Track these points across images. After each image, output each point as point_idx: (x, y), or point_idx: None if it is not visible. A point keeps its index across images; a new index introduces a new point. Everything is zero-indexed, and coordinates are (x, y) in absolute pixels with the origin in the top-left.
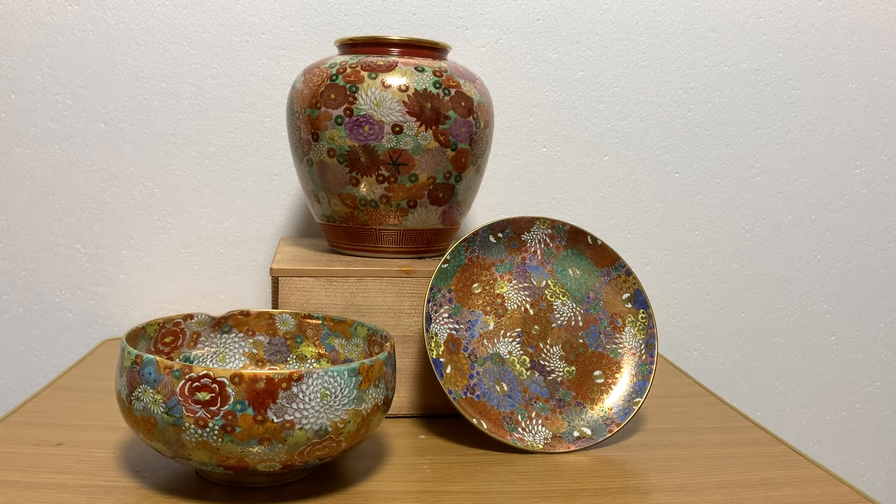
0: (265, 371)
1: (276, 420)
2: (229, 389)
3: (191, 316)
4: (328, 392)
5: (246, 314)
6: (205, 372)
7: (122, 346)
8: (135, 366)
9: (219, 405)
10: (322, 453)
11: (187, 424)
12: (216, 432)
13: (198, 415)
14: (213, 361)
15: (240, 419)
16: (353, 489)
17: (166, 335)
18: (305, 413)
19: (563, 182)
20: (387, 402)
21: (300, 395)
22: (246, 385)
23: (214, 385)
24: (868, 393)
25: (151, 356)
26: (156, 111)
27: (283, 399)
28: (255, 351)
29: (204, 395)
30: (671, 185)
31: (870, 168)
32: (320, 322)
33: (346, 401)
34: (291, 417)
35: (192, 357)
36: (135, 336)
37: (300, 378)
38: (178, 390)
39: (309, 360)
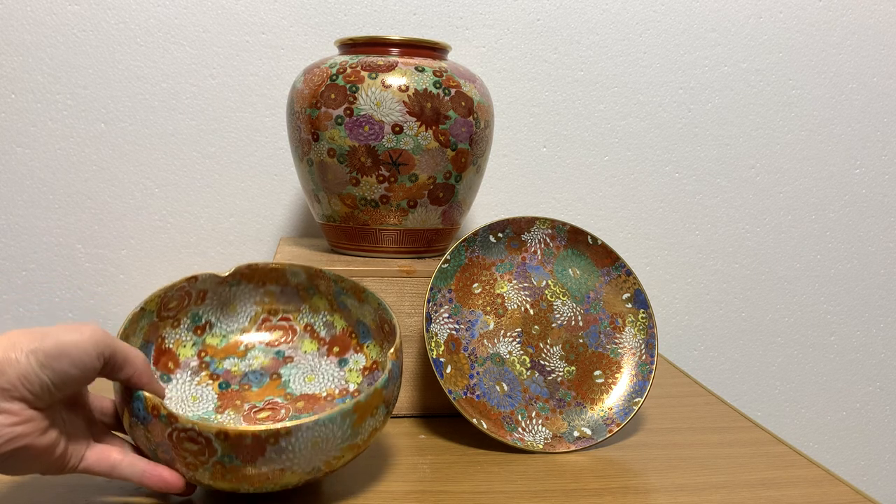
0: (251, 428)
1: (265, 469)
2: (216, 444)
3: (195, 278)
4: (320, 440)
5: (253, 267)
6: (191, 426)
7: None
8: (125, 392)
9: (207, 455)
10: (317, 479)
11: (178, 464)
12: (208, 474)
13: (187, 459)
14: (223, 314)
15: (229, 468)
16: (353, 489)
17: (169, 302)
18: (296, 461)
19: (563, 182)
20: (388, 415)
21: (289, 448)
22: (232, 441)
23: (201, 438)
24: (868, 393)
25: (140, 392)
26: (156, 111)
27: (271, 452)
28: (266, 300)
29: (192, 446)
30: (671, 185)
31: (870, 168)
32: (332, 280)
33: (339, 441)
34: (282, 466)
35: (200, 313)
36: (134, 321)
37: (289, 432)
38: (166, 436)
39: (322, 313)
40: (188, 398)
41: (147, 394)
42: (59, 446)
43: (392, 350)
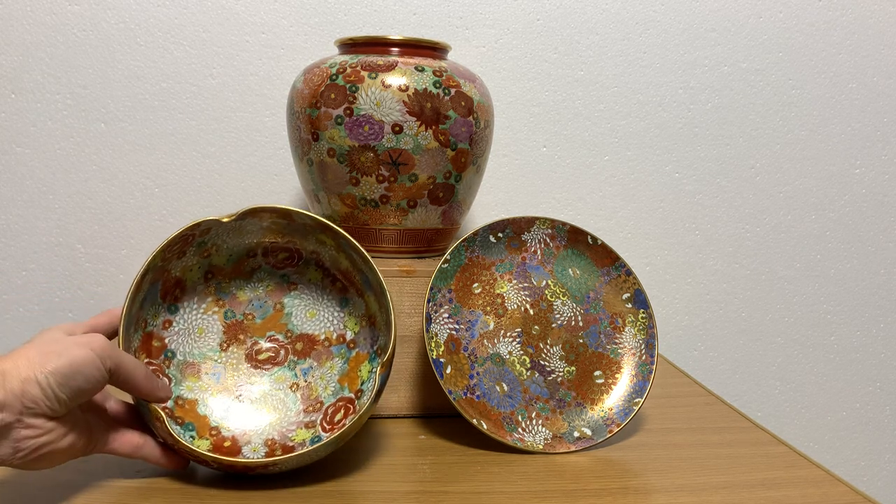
0: (241, 460)
1: (256, 476)
2: (211, 462)
3: (197, 224)
4: (306, 460)
5: (259, 208)
6: (188, 449)
7: None
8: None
9: (205, 465)
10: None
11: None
12: (210, 467)
13: (189, 457)
14: (230, 236)
15: (225, 474)
16: (353, 489)
17: (173, 246)
18: (285, 469)
19: (563, 182)
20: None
21: (276, 468)
22: (225, 465)
23: (199, 459)
24: (868, 393)
25: (143, 402)
26: (156, 111)
27: (260, 469)
28: (273, 227)
29: (190, 456)
30: (671, 185)
31: (870, 168)
32: (341, 235)
33: (323, 454)
34: (272, 473)
35: (206, 240)
36: (138, 286)
37: (276, 464)
38: (170, 444)
39: (328, 247)
40: (194, 331)
41: (151, 406)
42: (79, 442)
43: (383, 360)
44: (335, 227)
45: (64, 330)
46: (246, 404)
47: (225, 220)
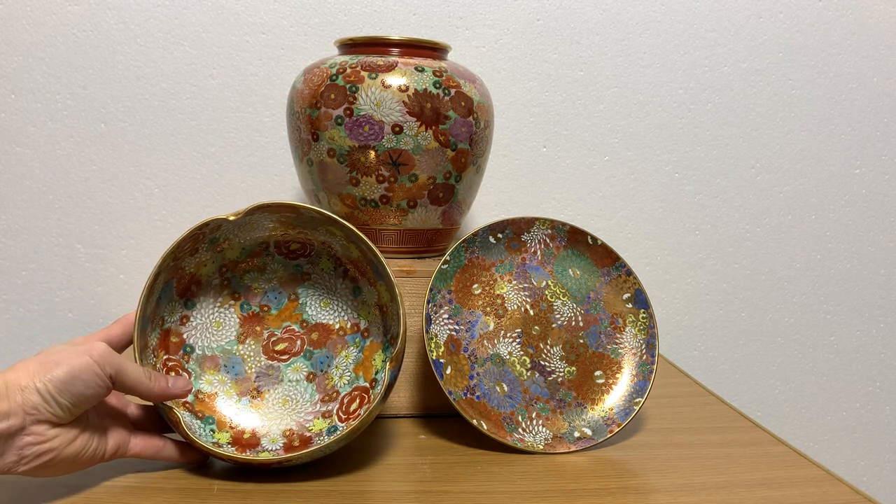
0: (256, 458)
1: (270, 471)
2: (227, 460)
3: (206, 224)
4: (318, 454)
5: (265, 205)
6: (204, 449)
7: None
8: None
9: (224, 461)
10: None
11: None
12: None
13: (209, 455)
14: (241, 231)
15: (241, 469)
16: (353, 489)
17: (184, 245)
18: (300, 464)
19: (563, 182)
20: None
21: (290, 464)
22: (241, 463)
23: (217, 455)
24: (868, 393)
25: (160, 405)
26: (156, 111)
27: (275, 466)
28: (283, 220)
29: (210, 455)
30: (671, 185)
31: (870, 168)
32: (349, 229)
33: (335, 448)
34: (286, 467)
35: (217, 236)
36: (150, 290)
37: (289, 461)
38: (190, 442)
39: (338, 237)
40: (212, 325)
41: (167, 409)
42: (86, 450)
43: (393, 355)
44: (342, 220)
45: (72, 343)
46: (264, 396)
47: (231, 217)
